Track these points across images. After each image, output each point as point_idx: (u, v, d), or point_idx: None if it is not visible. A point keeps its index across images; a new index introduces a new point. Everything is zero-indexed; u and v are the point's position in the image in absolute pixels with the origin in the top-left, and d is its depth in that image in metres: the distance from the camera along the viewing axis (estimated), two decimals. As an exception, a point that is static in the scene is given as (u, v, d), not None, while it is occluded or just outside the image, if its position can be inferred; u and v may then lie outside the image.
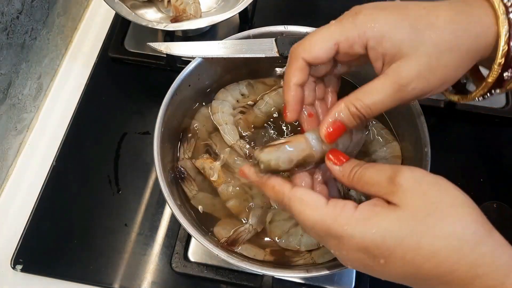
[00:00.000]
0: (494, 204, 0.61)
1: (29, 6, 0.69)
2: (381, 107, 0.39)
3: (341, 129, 0.41)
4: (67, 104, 0.77)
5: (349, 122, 0.40)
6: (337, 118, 0.40)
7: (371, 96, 0.39)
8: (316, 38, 0.41)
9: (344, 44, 0.40)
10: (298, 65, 0.42)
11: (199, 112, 0.63)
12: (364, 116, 0.40)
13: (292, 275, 0.51)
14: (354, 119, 0.40)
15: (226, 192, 0.57)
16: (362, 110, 0.39)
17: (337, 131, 0.41)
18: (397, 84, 0.38)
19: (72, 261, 0.64)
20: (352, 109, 0.40)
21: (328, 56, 0.41)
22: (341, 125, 0.41)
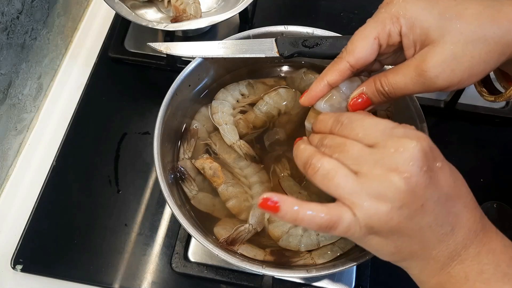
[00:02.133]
0: (494, 204, 0.61)
1: (29, 6, 0.69)
2: (403, 88, 0.40)
3: (365, 103, 0.43)
4: (67, 104, 0.77)
5: (373, 97, 0.42)
6: (364, 90, 0.43)
7: (395, 76, 0.40)
8: (356, 39, 0.42)
9: (383, 35, 0.41)
10: (340, 66, 0.43)
11: (199, 112, 0.63)
12: (387, 94, 0.41)
13: (292, 275, 0.51)
14: (378, 95, 0.42)
15: (226, 192, 0.57)
16: (386, 88, 0.41)
17: (361, 103, 0.43)
18: (419, 68, 0.39)
19: (72, 261, 0.64)
20: (377, 84, 0.41)
21: (372, 54, 0.42)
22: (367, 99, 0.43)
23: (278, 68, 0.66)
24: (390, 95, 0.41)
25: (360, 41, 0.42)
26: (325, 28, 0.60)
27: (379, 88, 0.41)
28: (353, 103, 0.43)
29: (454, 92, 0.71)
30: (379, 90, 0.41)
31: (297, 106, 0.62)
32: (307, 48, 0.55)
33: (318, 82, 0.45)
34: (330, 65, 0.45)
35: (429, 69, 0.38)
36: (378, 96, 0.42)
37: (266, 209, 0.35)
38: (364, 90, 0.43)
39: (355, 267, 0.62)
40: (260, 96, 0.62)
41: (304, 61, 0.64)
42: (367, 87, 0.43)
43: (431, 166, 0.35)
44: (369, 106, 0.43)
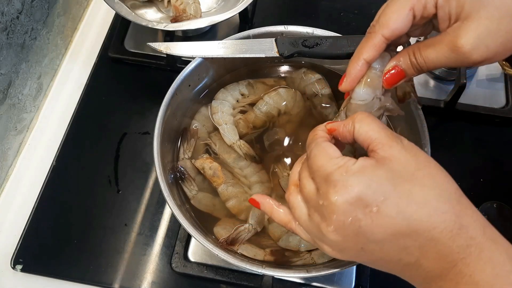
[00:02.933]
0: (494, 204, 0.61)
1: (29, 6, 0.69)
2: (435, 62, 0.40)
3: (400, 75, 0.42)
4: (67, 104, 0.77)
5: (407, 69, 0.42)
6: (398, 63, 0.42)
7: (427, 49, 0.40)
8: (391, 10, 0.41)
9: (418, 6, 0.40)
10: (374, 41, 0.42)
11: (199, 112, 0.63)
12: (420, 66, 0.41)
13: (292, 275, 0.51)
14: (412, 67, 0.41)
15: (226, 192, 0.57)
16: (419, 59, 0.40)
17: (395, 76, 0.42)
18: (452, 44, 0.38)
19: (72, 261, 0.64)
20: (411, 57, 0.41)
21: (407, 25, 0.41)
22: (400, 71, 0.42)
23: (278, 68, 0.66)
24: (422, 67, 0.41)
25: (395, 12, 0.40)
26: (325, 28, 0.60)
27: (413, 60, 0.41)
28: (387, 77, 0.43)
29: (454, 92, 0.71)
30: (413, 62, 0.41)
31: (297, 106, 0.62)
32: (307, 48, 0.55)
33: (354, 62, 0.43)
34: (362, 42, 0.43)
35: (462, 45, 0.38)
36: (412, 68, 0.41)
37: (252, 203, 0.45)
38: (398, 62, 0.42)
39: (355, 267, 0.62)
40: (260, 96, 0.62)
41: (304, 61, 0.64)
42: (402, 59, 0.42)
43: (358, 216, 0.35)
44: (403, 79, 0.43)
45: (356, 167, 0.36)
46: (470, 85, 0.76)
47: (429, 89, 0.77)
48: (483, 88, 0.77)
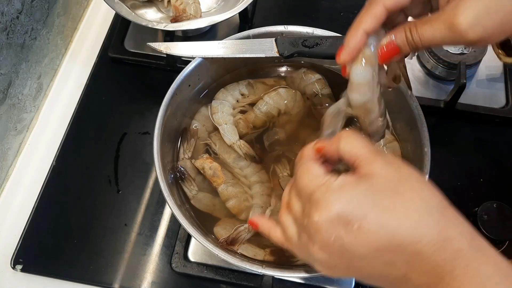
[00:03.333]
0: (494, 204, 0.61)
1: (29, 6, 0.69)
2: (431, 39, 0.39)
3: (395, 50, 0.42)
4: (67, 104, 0.77)
5: (402, 45, 0.41)
6: (393, 38, 0.42)
7: (424, 26, 0.39)
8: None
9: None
10: (375, 11, 0.41)
11: (199, 112, 0.63)
12: (415, 43, 0.40)
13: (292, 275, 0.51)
14: (408, 44, 0.41)
15: (226, 192, 0.57)
16: (415, 36, 0.40)
17: (391, 51, 0.42)
18: (449, 21, 0.38)
19: (72, 261, 0.64)
20: (407, 33, 0.40)
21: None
22: (395, 47, 0.42)
23: (278, 68, 0.66)
24: (417, 44, 0.40)
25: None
26: (325, 28, 0.60)
27: (409, 36, 0.40)
28: (382, 52, 0.42)
29: (454, 92, 0.71)
30: (409, 38, 0.40)
31: (297, 106, 0.62)
32: (307, 48, 0.55)
33: (353, 32, 0.42)
34: (362, 12, 0.42)
35: (459, 23, 0.37)
36: (408, 44, 0.41)
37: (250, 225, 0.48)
38: (394, 37, 0.42)
39: (355, 267, 0.62)
40: (260, 96, 0.62)
41: (304, 61, 0.64)
42: (397, 35, 0.41)
43: (340, 234, 0.35)
44: (398, 55, 0.42)
45: (337, 184, 0.36)
46: (470, 85, 0.76)
47: (429, 89, 0.77)
48: (483, 88, 0.77)
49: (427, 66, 0.77)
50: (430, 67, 0.77)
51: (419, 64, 0.78)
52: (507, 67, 0.77)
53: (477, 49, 0.74)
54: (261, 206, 0.56)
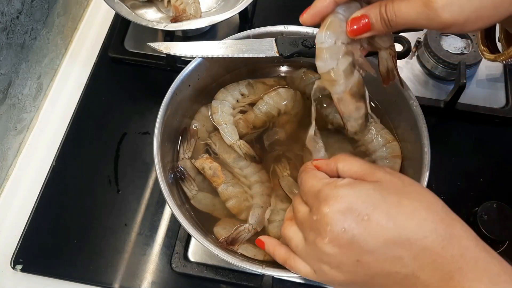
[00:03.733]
0: (494, 204, 0.61)
1: (29, 6, 0.69)
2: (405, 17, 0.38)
3: (365, 27, 0.40)
4: (67, 104, 0.77)
5: (375, 22, 0.40)
6: (366, 12, 0.40)
7: (400, 3, 0.38)
8: None
9: None
10: None
11: (199, 112, 0.63)
12: (389, 21, 0.39)
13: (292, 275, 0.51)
14: (381, 21, 0.39)
15: (226, 192, 0.57)
16: (389, 14, 0.39)
17: (362, 27, 0.40)
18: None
19: (72, 261, 0.64)
20: (382, 9, 0.39)
21: None
22: (368, 23, 0.40)
23: (278, 68, 0.66)
24: (391, 22, 0.39)
25: None
26: (325, 28, 0.60)
27: (383, 13, 0.39)
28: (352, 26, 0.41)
29: (454, 92, 0.71)
30: (382, 15, 0.39)
31: (297, 106, 0.62)
32: (307, 48, 0.55)
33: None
34: None
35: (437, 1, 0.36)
36: (380, 22, 0.40)
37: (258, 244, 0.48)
38: (367, 12, 0.40)
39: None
40: (260, 96, 0.62)
41: (304, 61, 0.64)
42: (371, 10, 0.40)
43: (351, 225, 0.35)
44: (369, 32, 0.41)
45: (345, 182, 0.38)
46: (470, 85, 0.76)
47: (429, 89, 0.77)
48: (483, 88, 0.77)
49: (427, 66, 0.77)
50: (430, 67, 0.77)
51: (419, 64, 0.78)
52: (507, 68, 0.77)
53: (477, 49, 0.74)
54: (261, 206, 0.56)
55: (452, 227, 0.35)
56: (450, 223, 0.35)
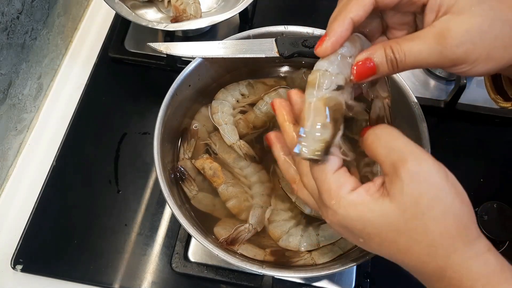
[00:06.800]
0: (494, 204, 0.61)
1: (29, 6, 0.69)
2: (417, 56, 0.36)
3: (371, 70, 0.38)
4: (67, 104, 0.77)
5: (380, 64, 0.37)
6: (370, 55, 0.38)
7: (410, 42, 0.36)
8: None
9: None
10: (364, 1, 0.37)
11: (199, 112, 0.63)
12: (397, 62, 0.37)
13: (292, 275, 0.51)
14: (387, 63, 0.37)
15: (226, 192, 0.57)
16: (397, 55, 0.37)
17: (367, 71, 0.38)
18: (440, 35, 0.36)
19: (72, 261, 0.64)
20: (388, 50, 0.37)
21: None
22: (373, 66, 0.38)
23: (278, 68, 0.66)
24: (399, 64, 0.37)
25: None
26: (325, 28, 0.59)
27: (390, 55, 0.37)
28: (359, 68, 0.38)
29: (455, 92, 0.71)
30: (389, 57, 0.37)
31: (297, 106, 0.62)
32: (307, 48, 0.55)
33: (339, 21, 0.37)
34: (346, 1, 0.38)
35: (451, 36, 0.35)
36: (386, 64, 0.37)
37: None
38: (372, 54, 0.38)
39: (355, 267, 0.62)
40: (260, 96, 0.62)
41: (304, 61, 0.64)
42: (376, 52, 0.38)
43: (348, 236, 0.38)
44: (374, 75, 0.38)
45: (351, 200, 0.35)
46: (470, 85, 0.76)
47: (429, 89, 0.77)
48: (483, 88, 0.76)
49: (427, 66, 0.77)
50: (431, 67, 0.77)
51: (419, 64, 0.78)
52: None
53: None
54: (261, 206, 0.56)
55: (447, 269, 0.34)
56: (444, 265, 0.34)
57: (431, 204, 0.33)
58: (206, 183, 0.58)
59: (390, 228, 0.34)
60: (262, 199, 0.57)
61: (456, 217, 0.33)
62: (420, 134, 0.54)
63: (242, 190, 0.58)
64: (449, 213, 0.33)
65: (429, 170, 0.34)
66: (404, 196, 0.33)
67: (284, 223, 0.55)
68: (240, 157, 0.59)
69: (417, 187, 0.33)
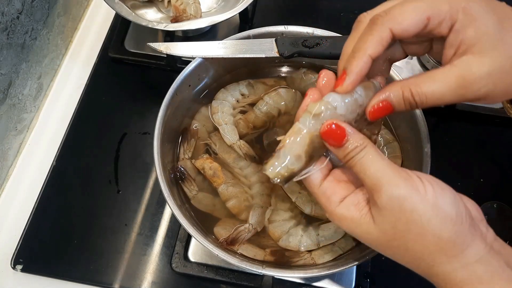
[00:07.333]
0: (494, 204, 0.61)
1: (29, 6, 0.69)
2: (439, 98, 0.36)
3: (387, 110, 0.38)
4: (67, 104, 0.77)
5: (397, 105, 0.38)
6: (387, 97, 0.38)
7: (431, 85, 0.36)
8: (408, 8, 0.36)
9: (434, 20, 0.36)
10: (382, 35, 0.36)
11: (199, 112, 0.63)
12: (416, 104, 0.37)
13: (292, 275, 0.51)
14: (404, 104, 0.37)
15: (226, 192, 0.57)
16: (417, 97, 0.36)
17: (382, 110, 0.38)
18: (463, 78, 0.35)
19: (72, 261, 0.64)
20: (406, 93, 0.37)
21: (417, 30, 0.37)
22: (389, 106, 0.38)
23: (278, 68, 0.66)
24: (419, 105, 0.37)
25: (412, 12, 0.36)
26: (325, 28, 0.60)
27: (408, 97, 0.37)
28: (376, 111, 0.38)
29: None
30: (408, 99, 0.37)
31: (297, 106, 0.62)
32: (307, 48, 0.55)
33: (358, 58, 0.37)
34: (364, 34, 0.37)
35: (475, 81, 0.35)
36: (404, 104, 0.37)
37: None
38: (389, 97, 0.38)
39: (355, 267, 0.62)
40: (260, 96, 0.62)
41: (304, 61, 0.64)
42: (393, 94, 0.37)
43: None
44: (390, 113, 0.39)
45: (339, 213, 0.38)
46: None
47: (429, 89, 0.77)
48: (483, 88, 0.77)
49: (427, 66, 0.77)
50: (430, 67, 0.77)
51: (419, 64, 0.78)
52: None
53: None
54: (261, 206, 0.56)
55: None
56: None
57: (407, 227, 0.35)
58: (206, 183, 0.58)
59: (376, 243, 0.37)
60: (262, 199, 0.57)
61: (435, 236, 0.34)
62: (420, 134, 0.54)
63: (242, 190, 0.58)
64: (426, 233, 0.35)
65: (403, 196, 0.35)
66: (383, 219, 0.36)
67: (284, 223, 0.55)
68: (240, 157, 0.59)
69: (393, 214, 0.35)
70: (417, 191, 0.35)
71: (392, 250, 0.37)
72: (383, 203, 0.35)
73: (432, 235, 0.34)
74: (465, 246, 0.34)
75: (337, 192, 0.38)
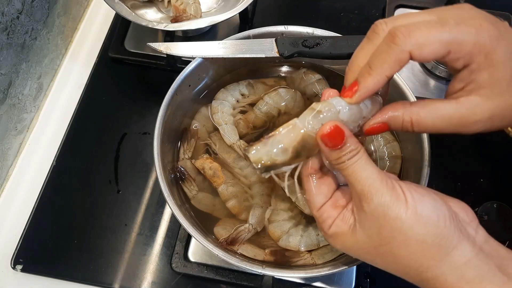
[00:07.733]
0: (494, 204, 0.61)
1: (29, 6, 0.69)
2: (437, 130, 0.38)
3: (383, 130, 0.41)
4: (67, 104, 0.77)
5: (393, 128, 0.40)
6: (387, 121, 0.40)
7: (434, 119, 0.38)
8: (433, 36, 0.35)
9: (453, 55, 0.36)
10: (401, 57, 0.36)
11: (199, 112, 0.63)
12: (412, 128, 0.39)
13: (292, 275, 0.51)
14: (402, 128, 0.39)
15: (226, 192, 0.57)
16: (416, 128, 0.38)
17: (378, 130, 0.41)
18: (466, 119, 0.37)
19: (72, 261, 0.64)
20: (406, 122, 0.39)
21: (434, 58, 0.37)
22: (385, 127, 0.40)
23: (278, 68, 0.66)
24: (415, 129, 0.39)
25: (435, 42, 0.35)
26: (325, 28, 0.60)
27: (407, 126, 0.38)
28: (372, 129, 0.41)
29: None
30: (406, 127, 0.39)
31: (297, 106, 0.62)
32: (307, 48, 0.55)
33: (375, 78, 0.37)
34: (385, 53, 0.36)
35: (475, 123, 0.37)
36: (401, 128, 0.39)
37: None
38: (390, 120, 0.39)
39: (355, 267, 0.62)
40: (260, 96, 0.62)
41: (304, 61, 0.64)
42: (392, 120, 0.39)
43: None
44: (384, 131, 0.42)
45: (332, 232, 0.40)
46: None
47: (429, 89, 0.77)
48: (483, 88, 0.77)
49: (427, 66, 0.77)
50: (430, 67, 0.77)
51: (419, 64, 0.78)
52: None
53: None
54: (261, 206, 0.56)
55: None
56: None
57: (392, 234, 0.36)
58: (206, 183, 0.58)
59: (364, 251, 0.39)
60: (262, 199, 0.57)
61: (418, 241, 0.35)
62: (420, 134, 0.54)
63: (242, 190, 0.58)
64: (410, 240, 0.35)
65: (387, 205, 0.36)
66: (370, 224, 0.37)
67: (284, 223, 0.55)
68: (240, 157, 0.59)
69: (377, 221, 0.36)
70: (398, 199, 0.36)
71: (381, 258, 0.38)
72: (371, 209, 0.36)
73: (416, 241, 0.35)
74: (451, 248, 0.35)
75: (331, 216, 0.40)
